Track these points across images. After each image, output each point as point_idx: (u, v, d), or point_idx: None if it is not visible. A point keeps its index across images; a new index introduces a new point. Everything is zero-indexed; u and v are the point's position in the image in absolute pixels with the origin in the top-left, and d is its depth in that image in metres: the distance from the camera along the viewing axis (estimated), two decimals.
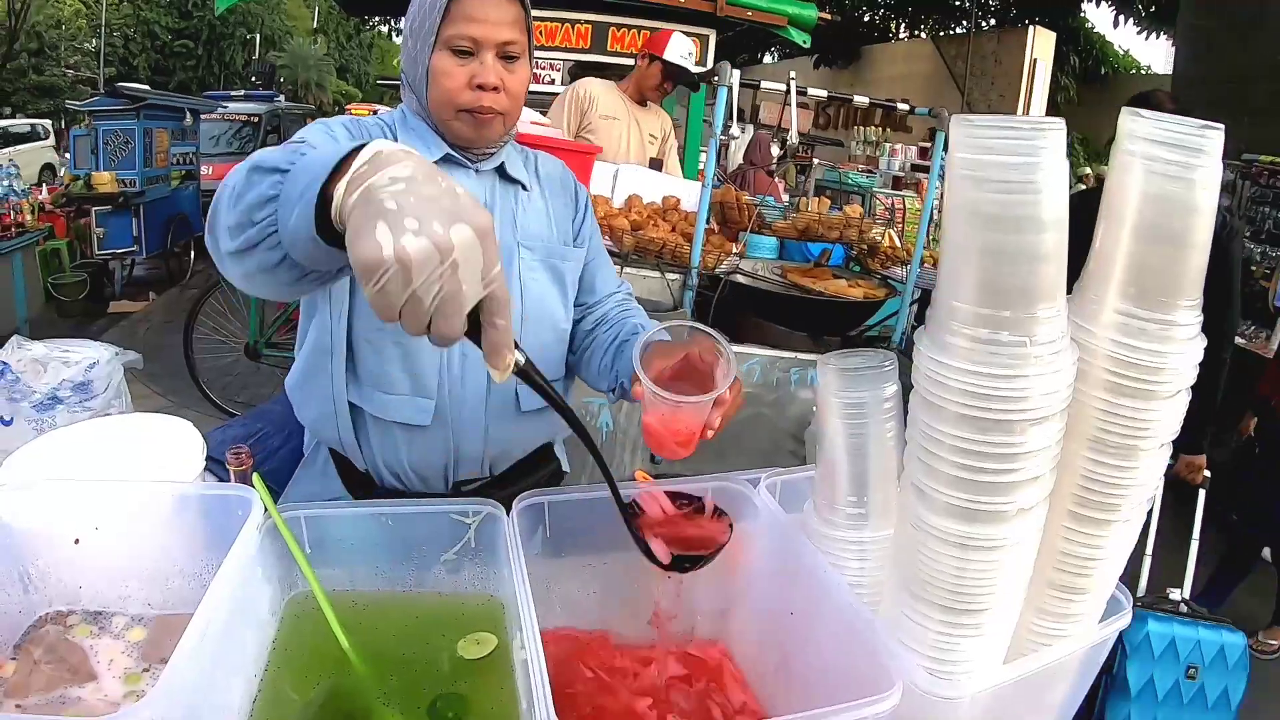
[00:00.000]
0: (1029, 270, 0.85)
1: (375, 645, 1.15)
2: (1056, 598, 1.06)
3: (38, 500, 1.24)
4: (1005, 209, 0.83)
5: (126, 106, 9.63)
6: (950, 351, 0.89)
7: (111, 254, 8.85)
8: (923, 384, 0.93)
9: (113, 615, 1.26)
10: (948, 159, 0.87)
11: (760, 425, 3.37)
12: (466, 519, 1.22)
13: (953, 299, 0.89)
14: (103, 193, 8.90)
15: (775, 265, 3.80)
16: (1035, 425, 0.88)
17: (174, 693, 0.84)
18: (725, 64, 3.03)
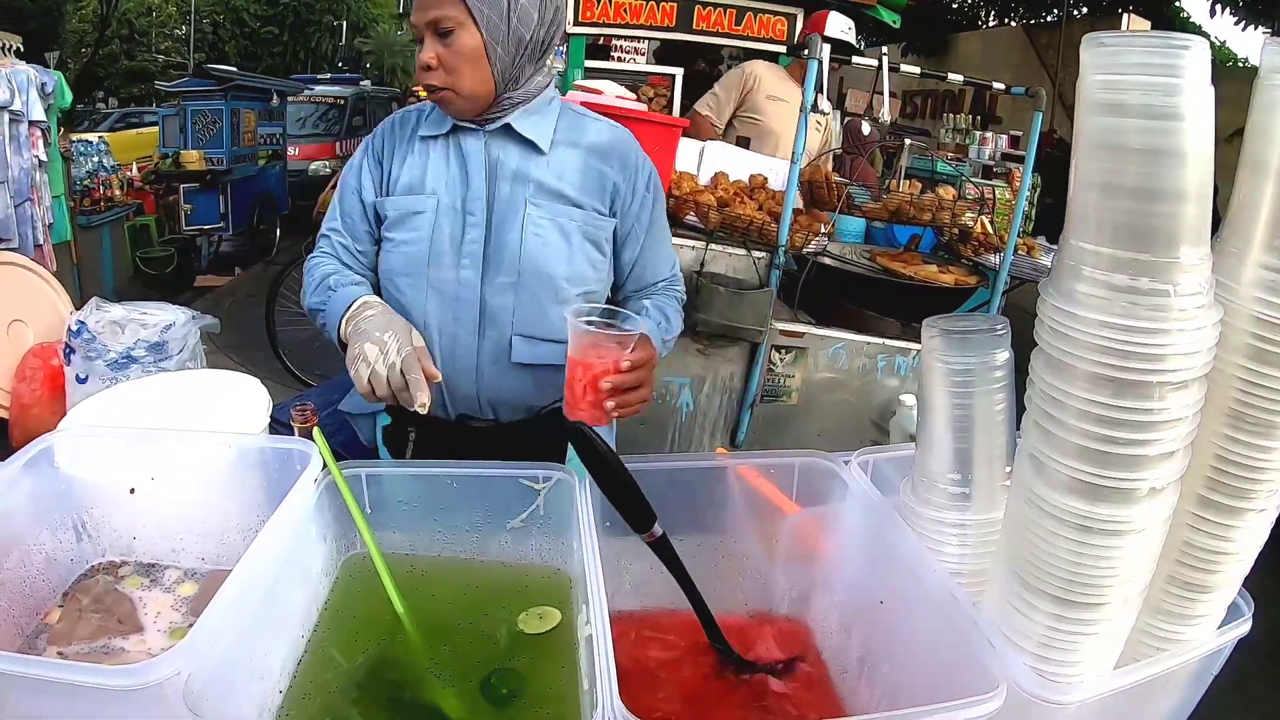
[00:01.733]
0: (1172, 209, 0.74)
1: (431, 613, 1.10)
2: (1177, 595, 0.94)
3: (95, 449, 1.23)
4: (1144, 138, 0.72)
5: (214, 88, 9.87)
6: (1080, 301, 0.78)
7: (199, 230, 9.06)
8: (1047, 339, 0.82)
9: (165, 568, 1.25)
10: (1079, 84, 0.77)
11: (843, 411, 3.27)
12: (537, 485, 1.16)
13: (1083, 241, 0.78)
14: (191, 170, 9.13)
15: (864, 249, 3.69)
16: (1175, 390, 0.77)
17: (205, 646, 0.81)
18: (815, 37, 2.93)
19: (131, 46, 33.98)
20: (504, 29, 1.51)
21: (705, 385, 3.22)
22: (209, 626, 0.82)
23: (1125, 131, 0.73)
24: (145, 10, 34.88)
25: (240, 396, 1.57)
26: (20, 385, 2.12)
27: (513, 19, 1.52)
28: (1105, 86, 0.74)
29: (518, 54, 1.55)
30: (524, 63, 1.58)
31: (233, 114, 9.78)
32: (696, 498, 1.23)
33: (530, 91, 1.62)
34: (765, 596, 1.28)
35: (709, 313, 2.99)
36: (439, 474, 1.16)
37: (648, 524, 1.05)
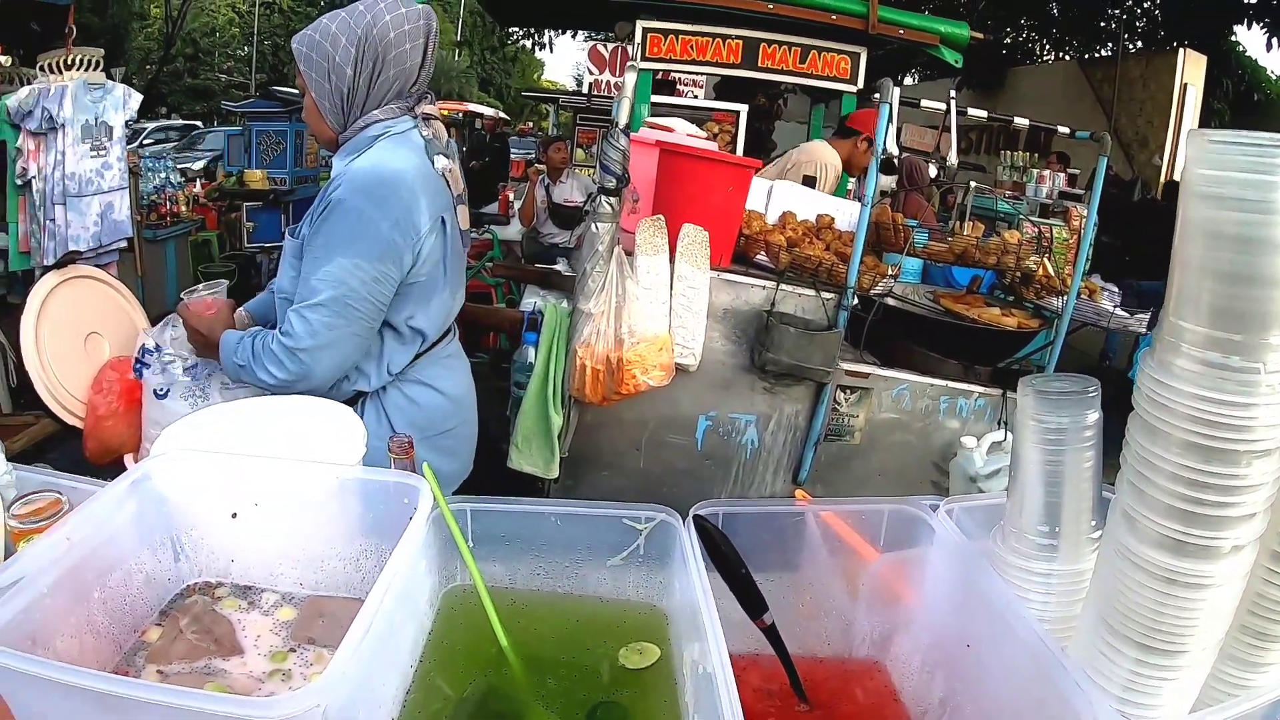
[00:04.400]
0: (1265, 295, 0.80)
1: (532, 646, 1.15)
2: (1249, 644, 0.99)
3: (196, 471, 1.26)
4: (1241, 228, 0.79)
5: (279, 109, 10.09)
6: (1176, 374, 0.85)
7: (260, 248, 9.25)
8: (1144, 406, 0.89)
9: (263, 591, 1.28)
10: (1183, 175, 0.83)
11: (905, 452, 3.29)
12: (639, 525, 1.20)
13: (1181, 320, 0.84)
14: (254, 189, 9.35)
15: (926, 289, 3.71)
16: (1260, 458, 0.84)
17: (338, 681, 0.84)
18: (887, 80, 2.97)
19: (195, 65, 34.89)
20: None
21: (771, 423, 3.24)
22: (344, 661, 0.86)
23: (1224, 222, 0.79)
24: (209, 31, 35.79)
25: (336, 425, 1.60)
26: (96, 397, 2.19)
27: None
28: (1208, 180, 0.80)
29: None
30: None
31: (296, 135, 9.98)
32: (784, 540, 1.27)
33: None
34: (846, 638, 1.31)
35: (778, 352, 3.01)
36: (543, 511, 1.21)
37: (760, 611, 1.12)
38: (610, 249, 2.91)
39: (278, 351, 1.84)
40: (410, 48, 1.89)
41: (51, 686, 0.83)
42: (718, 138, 4.88)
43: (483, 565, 1.18)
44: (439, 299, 2.04)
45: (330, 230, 1.83)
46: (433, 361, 2.11)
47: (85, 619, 1.09)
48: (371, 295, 1.85)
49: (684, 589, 1.07)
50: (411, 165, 1.90)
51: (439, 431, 2.13)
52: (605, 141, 2.86)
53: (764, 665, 1.19)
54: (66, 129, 3.98)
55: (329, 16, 1.87)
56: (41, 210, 4.02)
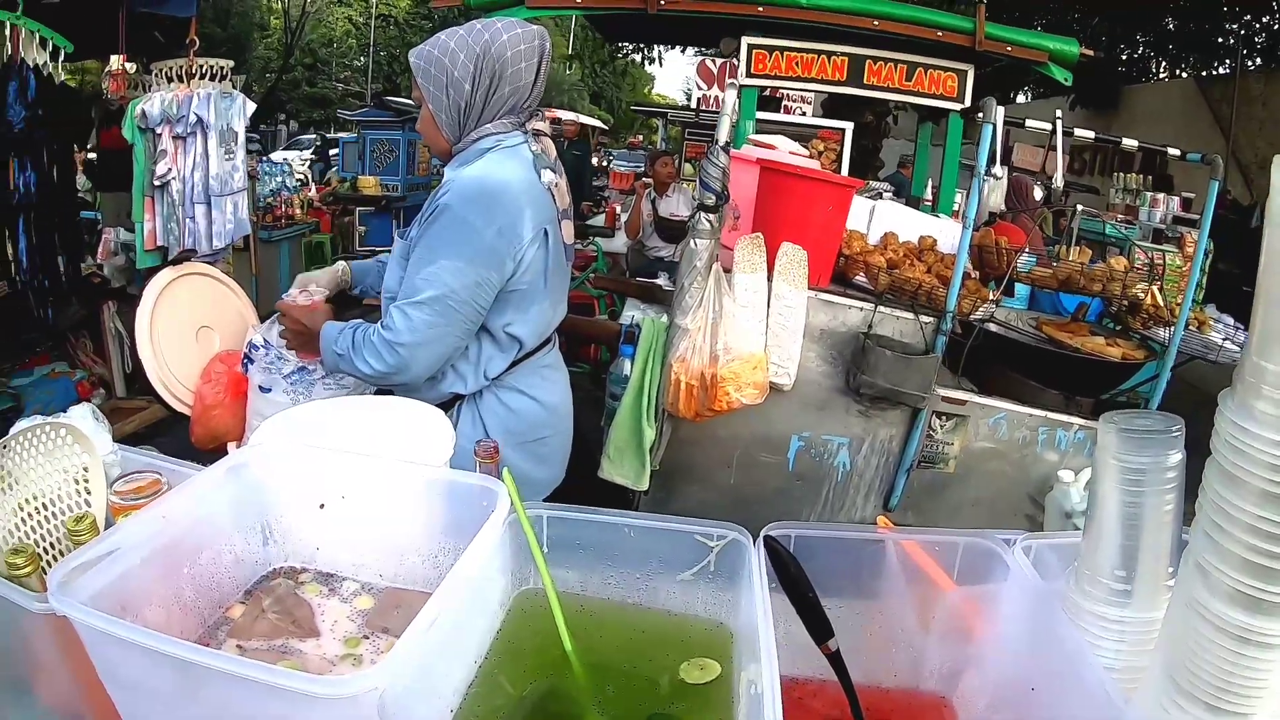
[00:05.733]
0: None
1: (597, 652, 1.16)
2: None
3: (289, 462, 1.34)
4: None
5: (393, 119, 10.41)
6: (1258, 418, 0.80)
7: (371, 251, 9.53)
8: (1222, 451, 0.84)
9: (344, 579, 1.34)
10: (1268, 203, 0.80)
11: (1000, 483, 3.20)
12: (710, 542, 1.21)
13: (1265, 360, 0.80)
14: (367, 195, 9.66)
15: (1030, 316, 3.62)
16: None
17: (402, 665, 0.88)
18: (990, 100, 2.91)
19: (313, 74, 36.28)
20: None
21: (864, 447, 3.20)
22: (407, 647, 0.89)
23: None
24: (327, 41, 37.20)
25: (427, 427, 1.67)
26: (204, 387, 2.29)
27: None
28: None
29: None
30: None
31: (409, 144, 10.27)
32: (858, 567, 1.26)
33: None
34: (914, 670, 1.29)
35: (874, 375, 2.97)
36: (617, 522, 1.23)
37: (826, 636, 1.12)
38: (709, 265, 2.92)
39: (378, 344, 1.92)
40: (524, 66, 1.97)
41: (136, 650, 0.89)
42: (822, 155, 4.85)
43: (557, 571, 1.21)
44: (538, 308, 2.09)
45: (436, 233, 1.92)
46: (530, 370, 2.17)
47: (174, 592, 1.16)
48: (472, 298, 1.92)
49: (749, 608, 1.07)
50: (518, 177, 1.96)
51: (532, 439, 2.18)
52: (705, 158, 2.88)
53: (830, 692, 1.18)
54: (210, 133, 4.27)
55: (448, 34, 1.95)
56: (181, 209, 4.29)
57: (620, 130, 43.86)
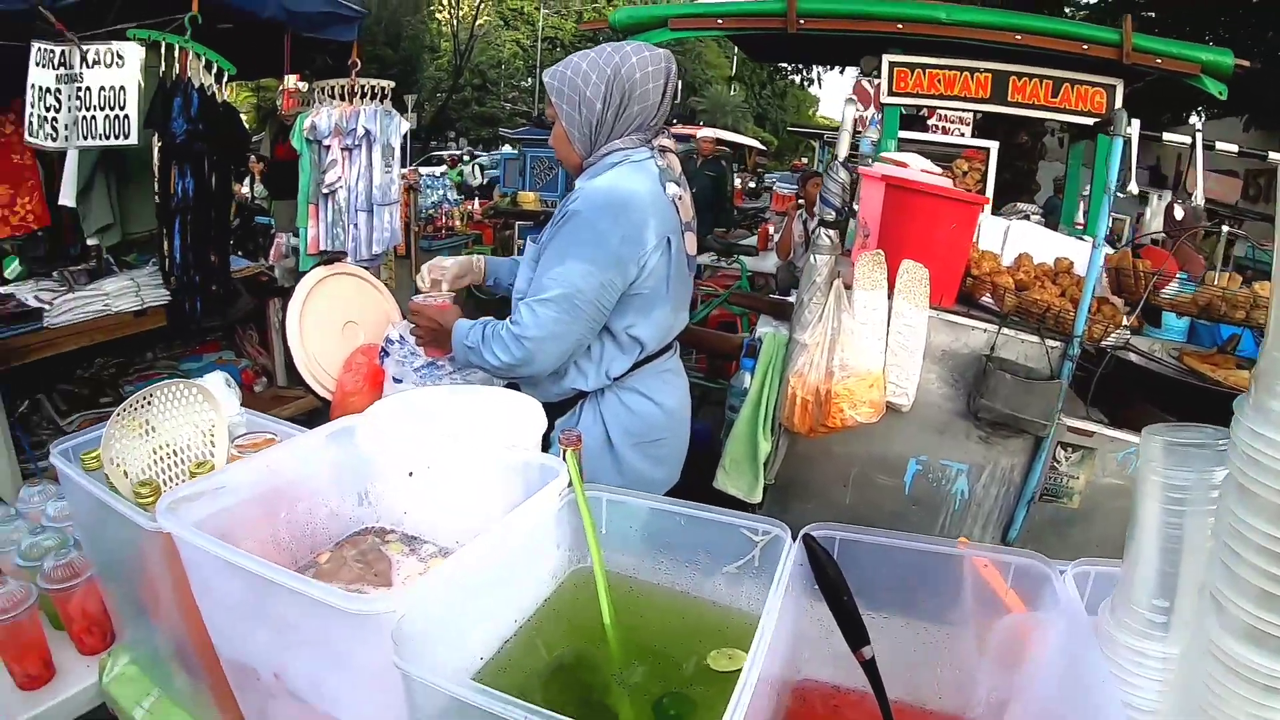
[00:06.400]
0: None
1: (636, 631, 1.21)
2: None
3: (386, 433, 1.50)
4: None
5: None
6: (1274, 420, 0.71)
7: None
8: (1237, 464, 0.75)
9: (424, 542, 1.49)
10: None
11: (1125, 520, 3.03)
12: (755, 536, 1.23)
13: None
14: (527, 210, 9.99)
15: (1174, 347, 3.45)
16: None
17: (419, 597, 1.00)
18: (1121, 112, 2.77)
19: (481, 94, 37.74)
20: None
21: (983, 475, 3.11)
22: (427, 583, 1.01)
23: None
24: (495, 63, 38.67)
25: (521, 414, 1.83)
26: (345, 376, 2.49)
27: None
28: None
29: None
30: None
31: None
32: (917, 579, 1.24)
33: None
34: (961, 693, 1.25)
35: (994, 399, 2.89)
36: (671, 510, 1.28)
37: (861, 643, 1.13)
38: (829, 281, 2.94)
39: (505, 337, 2.06)
40: (652, 87, 2.09)
41: (218, 563, 1.07)
42: (967, 175, 4.76)
43: (612, 554, 1.26)
44: (659, 313, 2.18)
45: (566, 237, 2.05)
46: (651, 373, 2.26)
47: (270, 532, 1.35)
48: (596, 299, 2.03)
49: (782, 604, 1.08)
50: (645, 189, 2.07)
51: (650, 440, 2.27)
52: (826, 174, 2.90)
53: (869, 706, 1.17)
54: (375, 146, 4.65)
55: (580, 56, 2.11)
56: (345, 215, 4.68)
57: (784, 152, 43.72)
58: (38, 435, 4.91)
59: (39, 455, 4.68)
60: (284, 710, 1.21)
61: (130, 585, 1.50)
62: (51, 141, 4.03)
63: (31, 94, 3.99)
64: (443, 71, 35.12)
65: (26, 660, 1.62)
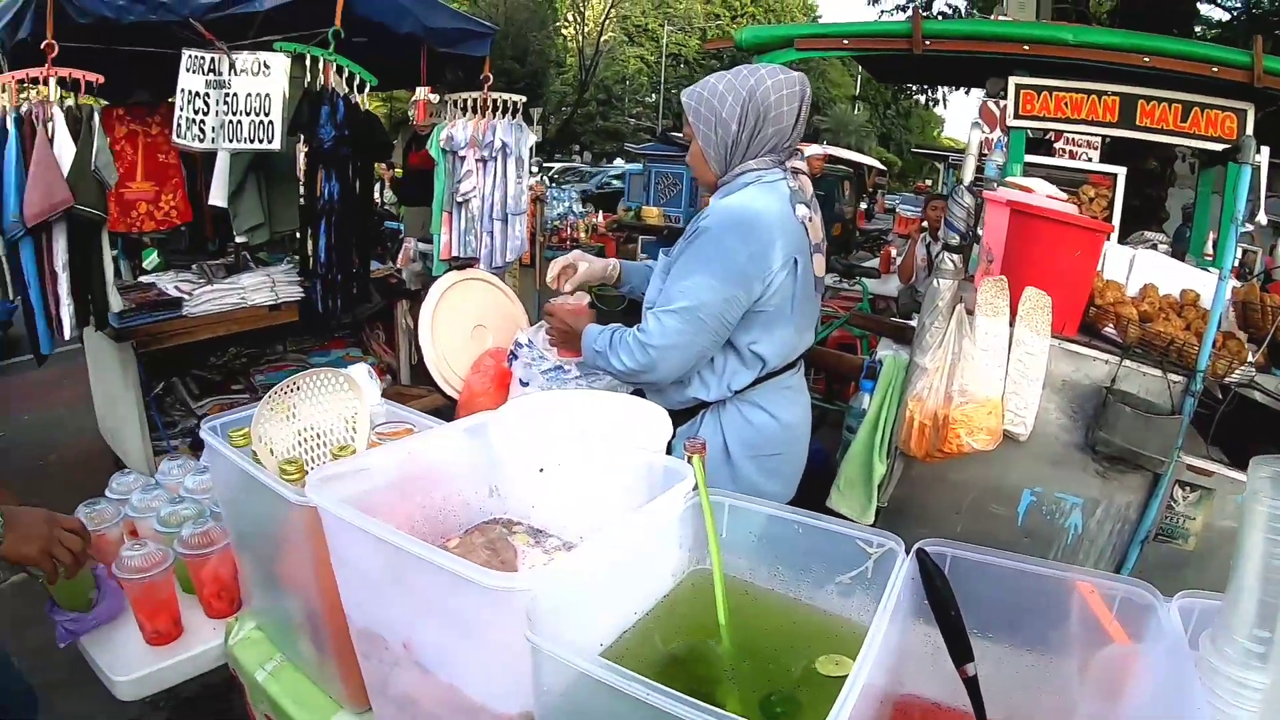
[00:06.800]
0: None
1: (748, 632, 1.26)
2: None
3: (520, 430, 1.60)
4: None
5: (677, 153, 10.83)
6: None
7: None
8: None
9: (549, 536, 1.57)
10: None
11: None
12: (870, 549, 1.26)
13: None
14: (650, 224, 10.13)
15: None
16: None
17: (552, 580, 1.06)
18: (1249, 138, 2.69)
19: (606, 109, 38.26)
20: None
21: (1097, 510, 3.06)
22: (560, 567, 1.09)
23: None
24: (620, 79, 39.09)
25: (647, 420, 1.91)
26: (473, 377, 2.62)
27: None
28: None
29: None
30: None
31: (692, 179, 10.64)
32: (1024, 602, 1.23)
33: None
34: None
35: (1112, 432, 2.86)
36: (789, 518, 1.33)
37: (965, 659, 1.15)
38: (951, 306, 2.94)
39: (631, 344, 2.16)
40: (787, 110, 2.15)
41: (360, 535, 1.18)
42: (1092, 202, 4.65)
43: (730, 558, 1.31)
44: (782, 331, 2.23)
45: (695, 252, 2.14)
46: (773, 389, 2.31)
47: (406, 514, 1.45)
48: (720, 313, 2.11)
49: (891, 617, 1.10)
50: (775, 209, 2.13)
51: (766, 453, 2.32)
52: (951, 198, 2.91)
53: None
54: (509, 158, 4.87)
55: (716, 77, 2.18)
56: (479, 224, 4.92)
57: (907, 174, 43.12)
58: (170, 415, 5.25)
59: (171, 434, 5.00)
60: (406, 678, 1.29)
61: (266, 555, 1.63)
62: (199, 143, 4.30)
63: (181, 98, 4.26)
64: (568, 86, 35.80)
65: (158, 618, 1.79)
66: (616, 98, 39.21)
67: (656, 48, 41.19)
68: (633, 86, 40.08)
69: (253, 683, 1.66)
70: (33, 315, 3.90)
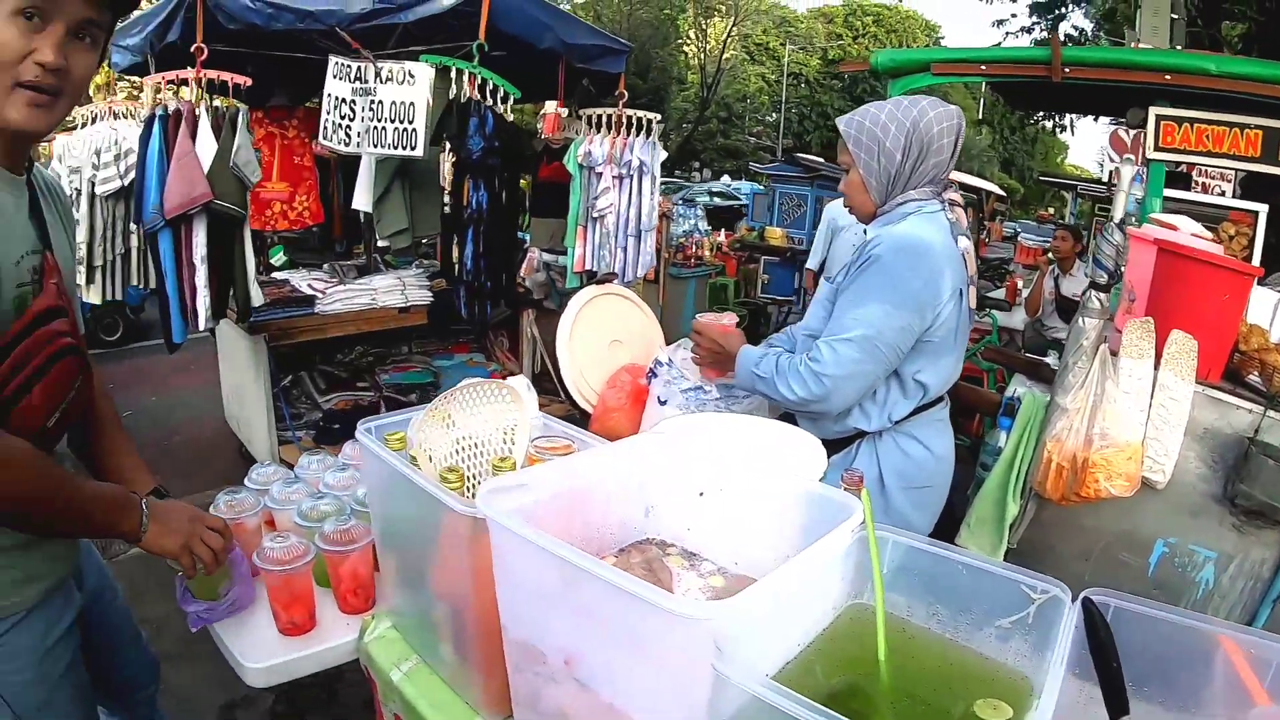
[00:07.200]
0: None
1: (905, 671, 1.26)
2: None
3: (680, 453, 1.61)
4: None
5: (802, 174, 10.81)
6: None
7: (771, 299, 10.03)
8: None
9: (703, 560, 1.57)
10: None
11: None
12: (1034, 594, 1.25)
13: None
14: (773, 245, 10.12)
15: None
16: None
17: (735, 611, 1.05)
18: None
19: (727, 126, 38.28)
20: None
21: (1231, 565, 2.93)
22: (741, 600, 1.06)
23: None
24: (741, 97, 39.08)
25: (802, 448, 1.93)
26: (609, 392, 2.64)
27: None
28: None
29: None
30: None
31: (816, 200, 10.62)
32: (1179, 655, 1.21)
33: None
34: None
35: (1251, 485, 2.75)
36: (954, 558, 1.32)
37: (1120, 712, 1.12)
38: (1095, 346, 2.89)
39: (804, 373, 2.15)
40: (946, 142, 2.17)
41: (534, 550, 1.19)
42: (1233, 240, 4.48)
43: (888, 594, 1.30)
44: (945, 360, 2.26)
45: (868, 280, 2.14)
46: (928, 421, 2.33)
47: (564, 530, 1.44)
48: (895, 341, 2.12)
49: (1056, 666, 1.08)
50: (940, 240, 2.15)
51: (919, 485, 2.33)
52: (1100, 234, 2.86)
53: None
54: (646, 175, 5.02)
55: (876, 107, 2.20)
56: (614, 239, 5.07)
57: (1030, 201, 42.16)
58: (296, 408, 5.49)
59: (296, 425, 5.22)
60: (562, 693, 1.31)
61: (415, 557, 1.67)
62: (344, 146, 4.52)
63: (328, 102, 4.49)
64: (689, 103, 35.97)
65: (293, 609, 1.82)
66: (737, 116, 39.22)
67: (777, 66, 41.10)
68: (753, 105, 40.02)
69: (386, 681, 1.69)
70: (168, 304, 4.11)
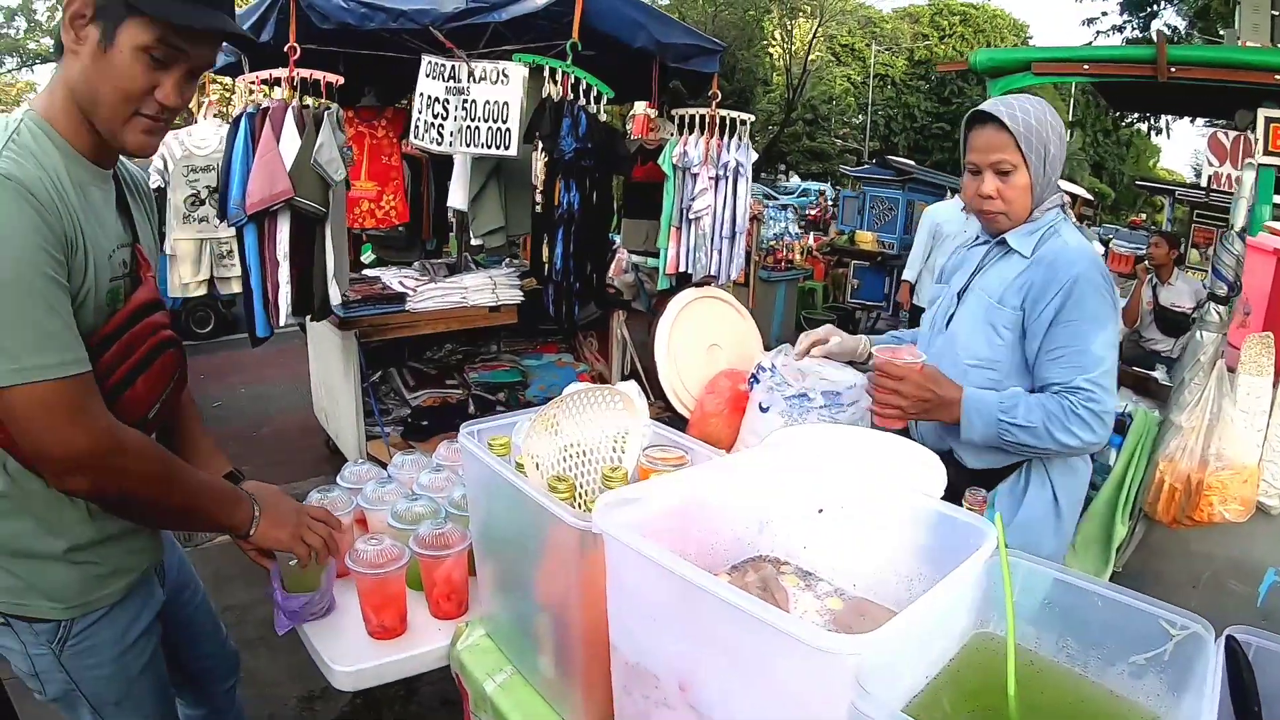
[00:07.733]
0: None
1: (1032, 706, 1.18)
2: None
3: (798, 467, 1.54)
4: None
5: (893, 178, 10.66)
6: None
7: (860, 304, 9.89)
8: None
9: (819, 580, 1.50)
10: None
11: None
12: (1173, 630, 1.17)
13: None
14: (863, 249, 9.99)
15: None
16: None
17: (877, 646, 0.97)
18: None
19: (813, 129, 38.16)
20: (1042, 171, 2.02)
21: None
22: (885, 634, 1.00)
23: None
24: (828, 99, 38.84)
25: (923, 465, 1.85)
26: (707, 397, 2.58)
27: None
28: None
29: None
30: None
31: (908, 204, 10.46)
32: None
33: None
34: None
35: None
36: (1089, 589, 1.23)
37: None
38: (1212, 361, 2.76)
39: (1086, 417, 1.92)
40: None
41: (653, 567, 1.14)
42: None
43: (1018, 623, 1.22)
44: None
45: (1087, 305, 1.96)
46: None
47: (679, 545, 1.39)
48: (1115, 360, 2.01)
49: (1190, 708, 1.03)
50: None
51: (1072, 501, 2.18)
52: (1220, 244, 2.73)
53: None
54: (741, 178, 5.00)
55: (1033, 103, 2.02)
56: (710, 241, 5.04)
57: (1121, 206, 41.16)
58: (385, 404, 5.57)
59: (385, 421, 5.28)
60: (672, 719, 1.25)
61: (519, 567, 1.61)
62: (436, 146, 4.54)
63: (420, 101, 4.52)
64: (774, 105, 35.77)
65: (385, 612, 1.78)
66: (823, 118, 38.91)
67: (863, 68, 40.72)
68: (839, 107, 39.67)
69: (478, 691, 1.65)
70: (251, 299, 4.19)
